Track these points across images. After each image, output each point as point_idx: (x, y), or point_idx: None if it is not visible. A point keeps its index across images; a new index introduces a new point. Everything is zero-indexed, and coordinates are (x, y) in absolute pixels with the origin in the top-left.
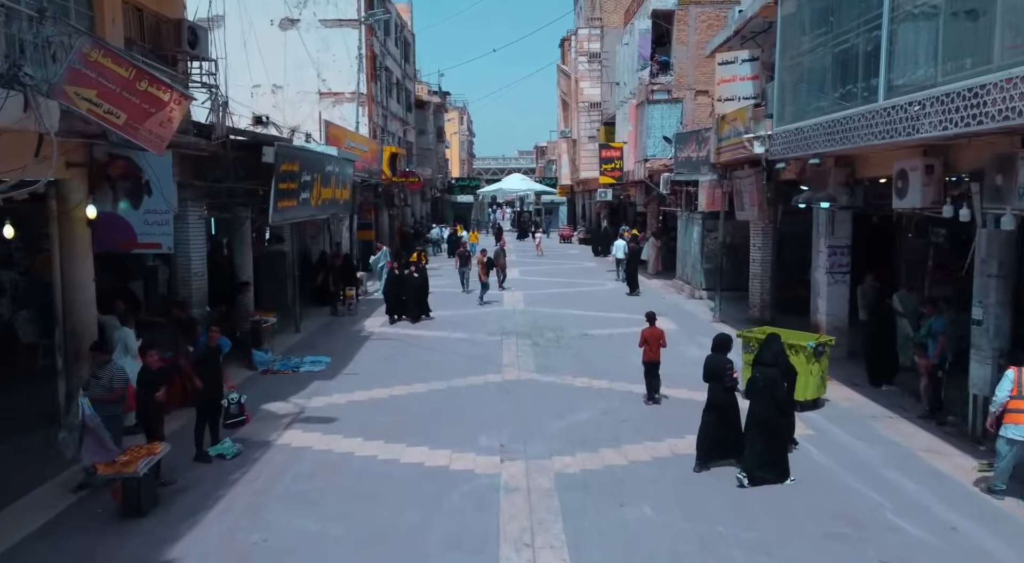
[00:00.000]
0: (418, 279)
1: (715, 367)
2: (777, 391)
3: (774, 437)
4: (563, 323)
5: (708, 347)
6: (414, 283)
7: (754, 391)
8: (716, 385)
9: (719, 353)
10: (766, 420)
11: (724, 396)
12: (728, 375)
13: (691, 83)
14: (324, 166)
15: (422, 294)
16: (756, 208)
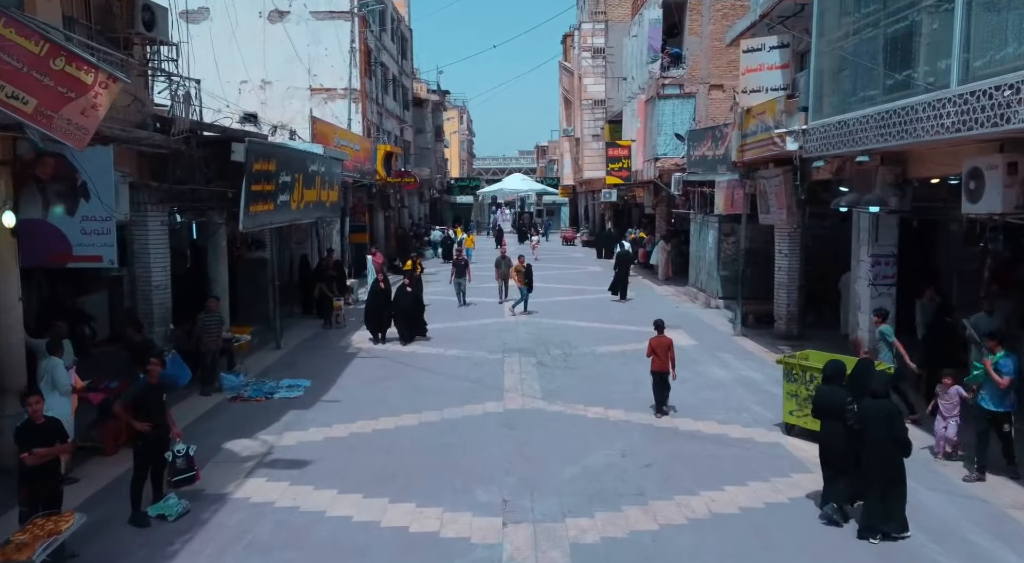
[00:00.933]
0: (411, 294)
1: (831, 402)
2: (896, 427)
3: (896, 481)
4: (570, 337)
5: (734, 367)
6: (405, 299)
7: (870, 427)
8: (833, 423)
9: (833, 384)
10: (886, 462)
11: (841, 436)
12: (850, 411)
13: (705, 77)
14: (307, 165)
15: (416, 312)
16: (784, 211)
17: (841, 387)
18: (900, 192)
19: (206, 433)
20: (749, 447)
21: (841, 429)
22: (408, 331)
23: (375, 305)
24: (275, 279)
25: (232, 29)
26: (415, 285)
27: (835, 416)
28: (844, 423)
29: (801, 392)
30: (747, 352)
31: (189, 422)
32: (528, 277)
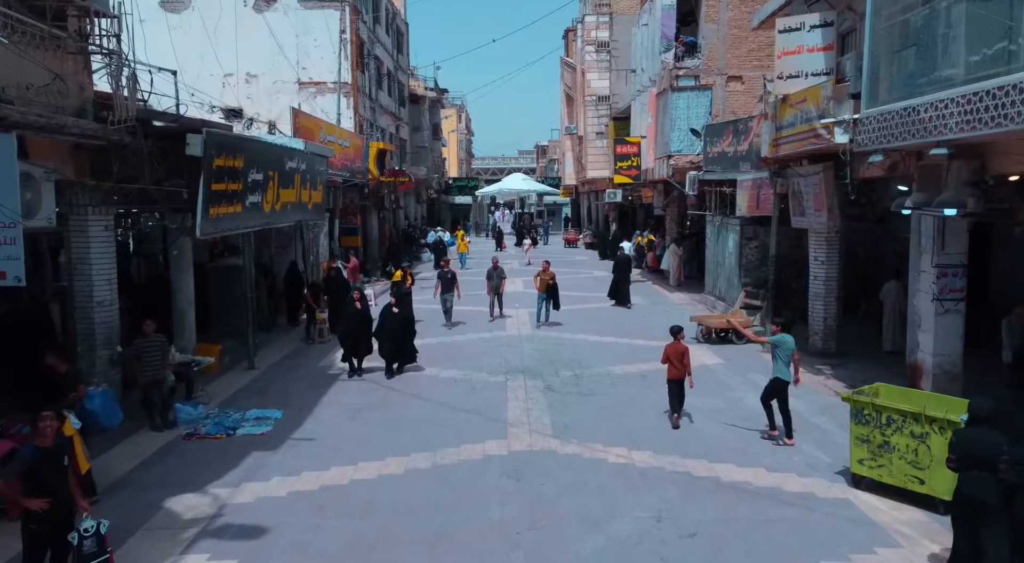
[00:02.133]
0: (399, 316)
1: (979, 449)
2: None
3: None
4: (581, 354)
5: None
6: (391, 322)
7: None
8: (980, 475)
9: (981, 427)
10: None
11: (990, 492)
12: (1006, 463)
13: (722, 67)
14: (284, 162)
15: (404, 337)
16: (823, 213)
17: (992, 430)
18: (977, 191)
19: (144, 486)
20: (812, 506)
21: (993, 483)
22: (394, 361)
23: (349, 330)
24: (250, 289)
25: (215, 19)
26: (403, 304)
27: (984, 466)
28: (998, 475)
29: (875, 438)
30: None
31: (126, 471)
32: (554, 291)
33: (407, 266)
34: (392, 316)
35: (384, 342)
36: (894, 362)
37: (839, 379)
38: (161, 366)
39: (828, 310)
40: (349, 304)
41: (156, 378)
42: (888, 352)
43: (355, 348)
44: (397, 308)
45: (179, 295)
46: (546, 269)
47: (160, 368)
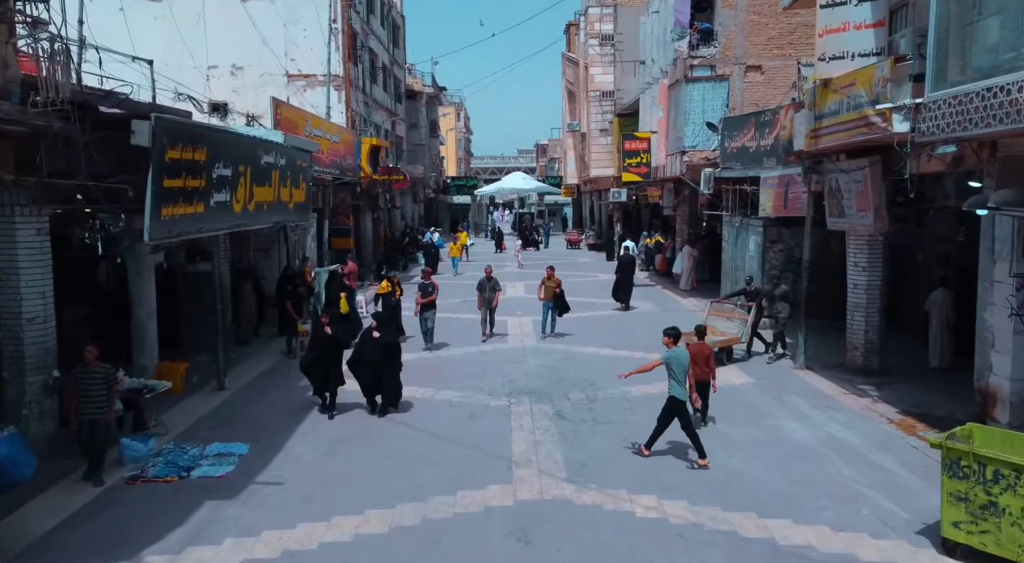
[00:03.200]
0: (380, 341)
1: None
2: None
3: None
4: (592, 372)
5: (814, 419)
6: (371, 351)
7: None
8: None
9: None
10: None
11: None
12: None
13: (740, 56)
14: (258, 156)
15: (386, 368)
16: (870, 214)
17: None
18: None
19: (67, 551)
20: None
21: None
22: (374, 396)
23: (316, 360)
24: (221, 299)
25: (198, 8)
26: (387, 327)
27: None
28: None
29: (976, 496)
30: (821, 395)
31: (47, 529)
32: (560, 300)
33: (394, 276)
34: (372, 343)
35: (361, 375)
36: (946, 382)
37: (888, 402)
38: (105, 404)
39: (870, 322)
40: (316, 326)
41: (95, 418)
42: (935, 369)
43: (324, 382)
44: (378, 332)
45: (138, 307)
46: (551, 276)
47: (103, 406)
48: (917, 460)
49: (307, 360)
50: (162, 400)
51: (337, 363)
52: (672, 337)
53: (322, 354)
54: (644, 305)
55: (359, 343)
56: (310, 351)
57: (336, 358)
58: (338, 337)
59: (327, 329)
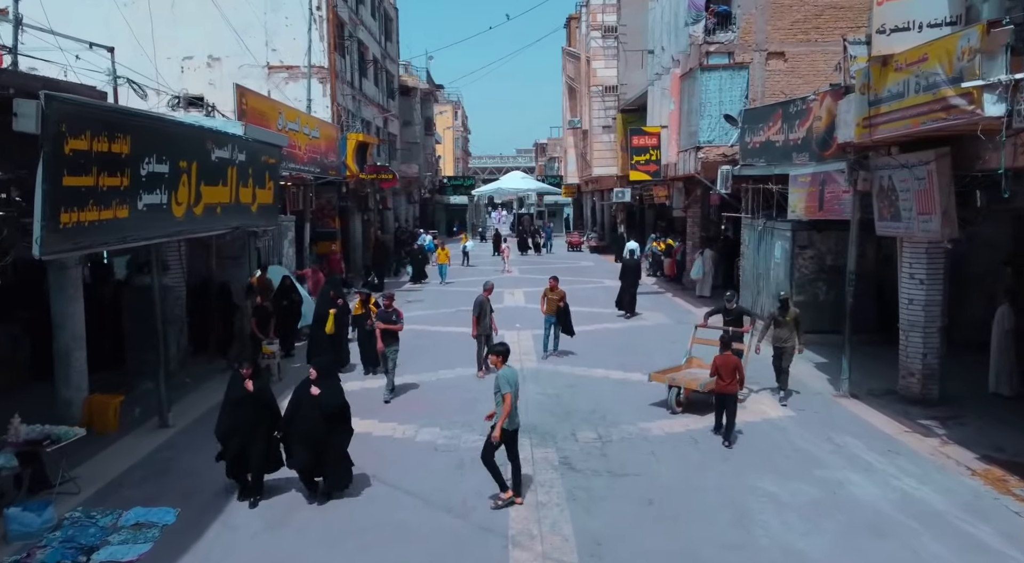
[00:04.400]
0: (321, 401)
1: None
2: None
3: None
4: (603, 401)
5: (880, 470)
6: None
7: None
8: None
9: None
10: None
11: None
12: None
13: (761, 42)
14: (207, 150)
15: (329, 438)
16: (935, 217)
17: None
18: None
19: None
20: None
21: None
22: (313, 477)
23: (234, 427)
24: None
25: None
26: (330, 380)
27: None
28: None
29: None
30: (878, 433)
31: None
32: (565, 315)
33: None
34: (309, 402)
35: (294, 445)
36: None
37: (961, 444)
38: None
39: (929, 344)
40: (233, 380)
41: None
42: (1000, 397)
43: (243, 456)
44: (317, 386)
45: (61, 330)
46: (554, 287)
47: None
48: None
49: (222, 428)
50: (87, 443)
51: (266, 434)
52: (500, 355)
53: (243, 420)
54: (654, 316)
55: (291, 403)
56: (225, 414)
57: (266, 426)
58: (269, 398)
59: (247, 383)
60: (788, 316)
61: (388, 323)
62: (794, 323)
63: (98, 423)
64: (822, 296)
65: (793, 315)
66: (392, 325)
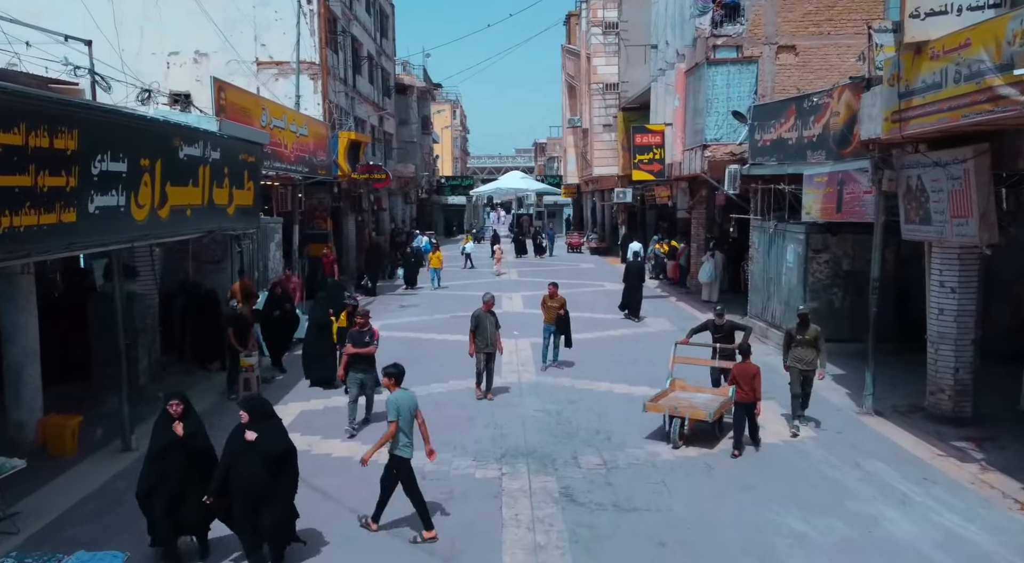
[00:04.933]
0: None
1: None
2: None
3: None
4: (607, 419)
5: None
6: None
7: None
8: None
9: None
10: None
11: None
12: None
13: (771, 35)
14: (174, 147)
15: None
16: (971, 220)
17: None
18: None
19: None
20: None
21: None
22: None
23: (162, 480)
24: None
25: None
26: (269, 422)
27: None
28: None
29: None
30: (909, 458)
31: None
32: (565, 324)
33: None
34: (246, 450)
35: (233, 504)
36: None
37: (1004, 471)
38: None
39: (961, 358)
40: (160, 423)
41: None
42: None
43: (174, 517)
44: (253, 430)
45: (11, 345)
46: (553, 294)
47: None
48: None
49: (144, 485)
50: (39, 470)
51: (201, 486)
52: (393, 376)
53: (172, 473)
54: (658, 322)
55: (225, 455)
56: (149, 466)
57: (200, 477)
58: (203, 442)
59: (176, 428)
60: (808, 334)
61: (360, 346)
62: (815, 342)
63: (54, 446)
64: (837, 303)
65: (814, 333)
66: (364, 349)
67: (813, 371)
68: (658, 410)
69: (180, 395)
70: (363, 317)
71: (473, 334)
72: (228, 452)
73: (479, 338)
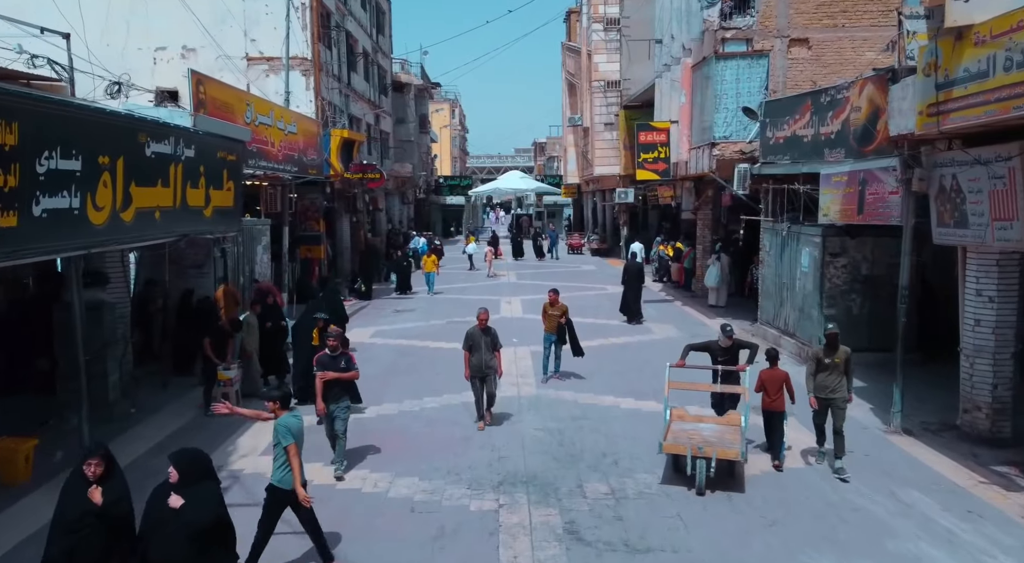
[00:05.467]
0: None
1: None
2: None
3: None
4: (614, 439)
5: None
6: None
7: None
8: None
9: None
10: None
11: None
12: None
13: (783, 27)
14: (138, 144)
15: None
16: (1019, 223)
17: None
18: None
19: None
20: None
21: None
22: None
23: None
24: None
25: None
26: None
27: None
28: None
29: None
30: (948, 485)
31: None
32: (569, 330)
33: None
34: (168, 520)
35: None
36: None
37: None
38: None
39: (1000, 373)
40: (71, 485)
41: None
42: None
43: None
44: (179, 494)
45: None
46: (554, 301)
47: None
48: None
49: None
50: None
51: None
52: (279, 400)
53: (83, 551)
54: (664, 328)
55: (144, 520)
56: (54, 539)
57: (121, 557)
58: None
59: (94, 494)
60: (837, 356)
61: (336, 371)
62: (844, 366)
63: (5, 473)
64: (856, 309)
65: (844, 355)
66: (342, 374)
67: (839, 400)
68: (679, 451)
69: (100, 450)
70: (335, 340)
71: (468, 354)
72: (146, 521)
73: (474, 359)
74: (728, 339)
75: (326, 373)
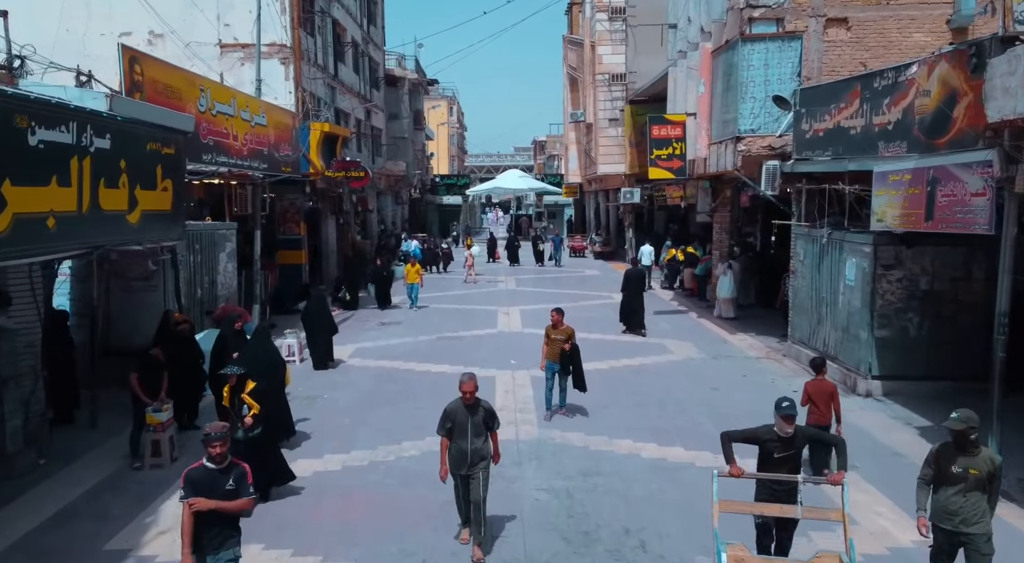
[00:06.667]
0: None
1: None
2: None
3: None
4: (636, 505)
5: None
6: None
7: None
8: None
9: None
10: None
11: None
12: None
13: (818, 6)
14: (15, 129)
15: None
16: None
17: None
18: None
19: None
20: None
21: None
22: None
23: None
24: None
25: None
26: None
27: None
28: None
29: None
30: None
31: None
32: (574, 359)
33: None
34: None
35: None
36: None
37: None
38: None
39: None
40: None
41: None
42: None
43: None
44: None
45: None
46: (557, 324)
47: None
48: None
49: None
50: None
51: None
52: None
53: None
54: (682, 347)
55: None
56: None
57: None
58: None
59: None
60: (974, 467)
61: (219, 496)
62: (987, 482)
63: None
64: (913, 331)
65: (988, 466)
66: (226, 503)
67: (978, 538)
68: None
69: None
70: (220, 445)
71: (446, 441)
72: None
73: (453, 448)
74: (787, 420)
75: (198, 500)
